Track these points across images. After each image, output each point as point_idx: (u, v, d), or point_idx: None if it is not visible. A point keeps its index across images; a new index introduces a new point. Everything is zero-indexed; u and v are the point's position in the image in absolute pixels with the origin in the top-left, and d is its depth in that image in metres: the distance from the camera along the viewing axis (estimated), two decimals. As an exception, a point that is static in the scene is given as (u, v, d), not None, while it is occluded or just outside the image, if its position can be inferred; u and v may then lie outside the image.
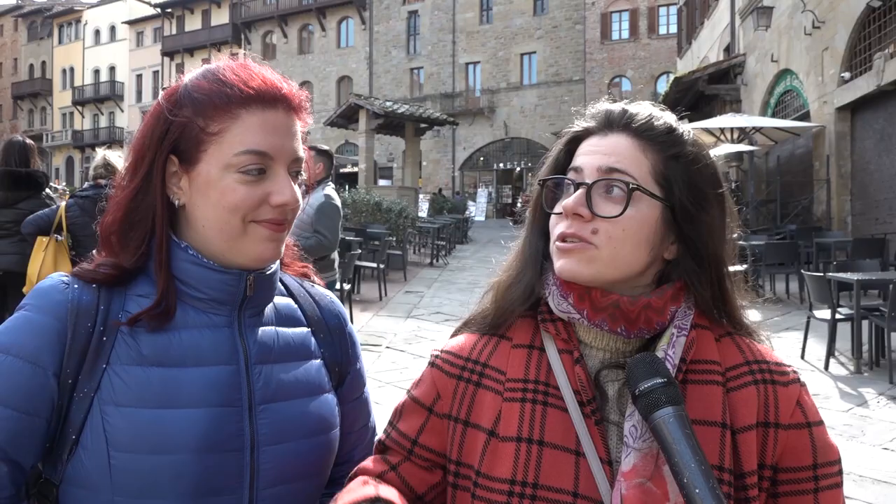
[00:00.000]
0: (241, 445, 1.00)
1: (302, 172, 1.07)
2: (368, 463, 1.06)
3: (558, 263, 0.96)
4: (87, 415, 0.96)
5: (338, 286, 5.93)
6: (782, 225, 14.25)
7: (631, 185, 0.94)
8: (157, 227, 1.03)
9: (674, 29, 32.45)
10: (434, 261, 16.36)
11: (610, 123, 1.00)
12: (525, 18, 38.09)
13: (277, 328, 1.10)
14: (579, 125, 1.04)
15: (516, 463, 0.92)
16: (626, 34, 35.89)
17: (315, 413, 1.08)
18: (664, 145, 0.98)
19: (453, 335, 1.11)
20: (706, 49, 22.95)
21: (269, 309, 1.11)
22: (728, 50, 19.87)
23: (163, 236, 1.02)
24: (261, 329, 1.08)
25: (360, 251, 11.17)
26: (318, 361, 1.14)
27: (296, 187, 1.04)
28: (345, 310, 1.26)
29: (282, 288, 1.16)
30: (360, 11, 42.58)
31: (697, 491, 0.79)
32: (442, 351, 1.08)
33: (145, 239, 1.04)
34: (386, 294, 11.33)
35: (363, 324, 8.97)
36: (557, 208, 0.98)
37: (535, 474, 0.91)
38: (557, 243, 0.96)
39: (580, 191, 0.95)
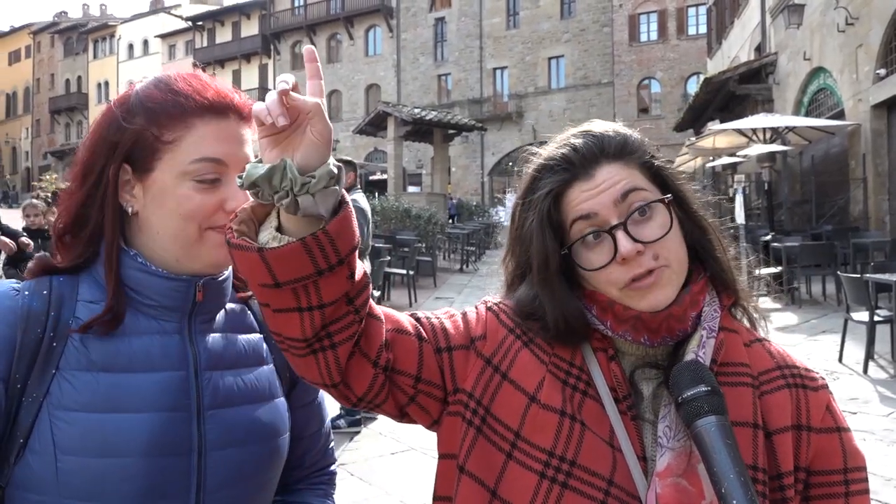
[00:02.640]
0: (189, 449, 1.01)
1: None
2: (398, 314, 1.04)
3: (646, 301, 0.94)
4: (36, 419, 0.97)
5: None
6: (818, 225, 14.00)
7: (667, 199, 0.97)
8: (107, 236, 1.04)
9: (703, 29, 32.11)
10: (464, 267, 16.35)
11: (588, 163, 0.98)
12: (552, 22, 37.99)
13: (228, 334, 1.12)
14: (551, 179, 0.99)
15: (558, 436, 0.93)
16: (654, 35, 35.60)
17: (264, 419, 1.10)
18: (637, 153, 1.01)
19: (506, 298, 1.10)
20: (736, 48, 22.68)
21: (220, 315, 1.13)
22: (759, 49, 19.62)
23: (113, 245, 1.04)
24: (212, 335, 1.09)
25: (389, 258, 11.21)
26: (269, 367, 1.15)
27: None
28: None
29: (233, 293, 1.17)
30: (387, 19, 42.85)
31: (735, 502, 0.79)
32: (500, 302, 1.07)
33: (90, 243, 1.06)
34: (416, 301, 11.36)
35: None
36: (594, 257, 0.96)
37: (574, 452, 0.92)
38: (634, 285, 0.94)
39: (621, 234, 0.93)
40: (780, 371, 1.00)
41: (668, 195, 0.98)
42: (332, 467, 1.31)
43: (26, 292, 1.03)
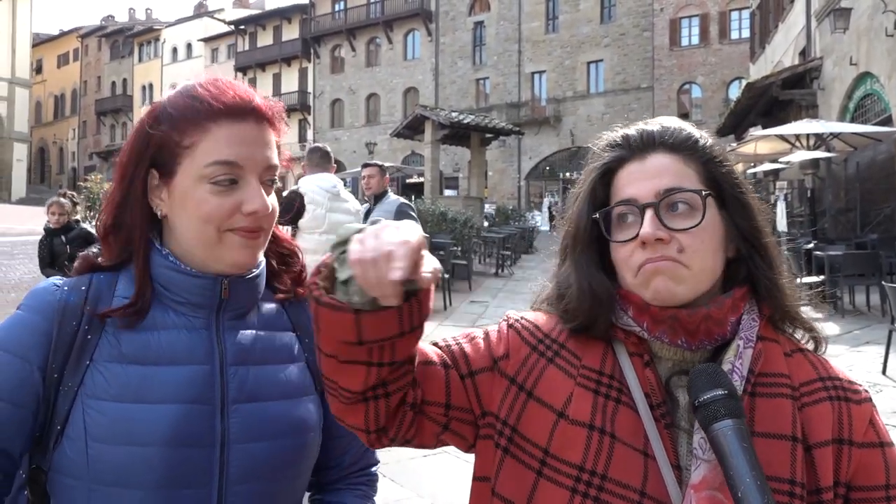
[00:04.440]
0: (212, 442, 1.05)
1: (276, 180, 1.12)
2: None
3: (652, 288, 0.94)
4: (72, 407, 1.03)
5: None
6: (863, 234, 13.68)
7: (704, 192, 0.95)
8: (136, 236, 1.10)
9: (746, 33, 31.64)
10: (499, 270, 16.31)
11: (645, 146, 1.00)
12: (592, 26, 37.75)
13: (259, 331, 1.15)
14: (608, 154, 1.02)
15: (587, 451, 0.92)
16: (696, 40, 35.15)
17: (291, 415, 1.12)
18: (700, 151, 1.00)
19: (533, 309, 1.11)
20: (780, 53, 22.29)
21: (252, 313, 1.16)
22: (803, 53, 19.25)
23: (140, 245, 1.10)
24: (240, 332, 1.13)
25: (425, 261, 11.21)
26: (300, 364, 1.18)
27: (272, 196, 1.10)
28: None
29: (269, 293, 1.20)
30: (426, 23, 43.00)
31: None
32: (522, 318, 1.07)
33: (128, 242, 1.11)
34: (451, 304, 11.36)
35: (428, 333, 8.97)
36: (622, 236, 0.96)
37: (604, 466, 0.91)
38: (646, 267, 0.94)
39: (650, 214, 0.94)
40: (823, 383, 0.97)
41: (705, 190, 0.96)
42: (374, 469, 1.31)
43: (66, 288, 1.09)
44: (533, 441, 0.96)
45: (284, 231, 1.27)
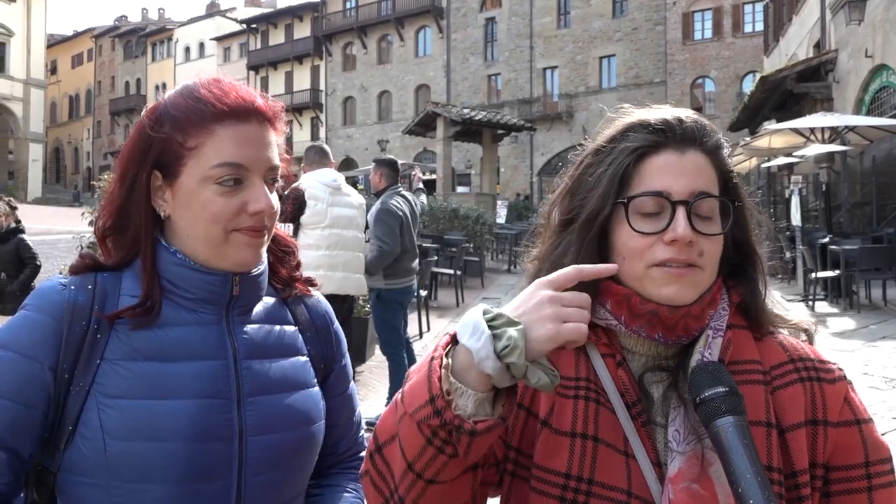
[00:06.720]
0: (230, 434, 1.07)
1: (278, 179, 1.14)
2: None
3: (668, 290, 0.92)
4: (84, 406, 1.03)
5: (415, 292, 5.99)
6: (879, 228, 13.54)
7: (737, 203, 0.97)
8: (142, 237, 1.11)
9: (760, 26, 31.40)
10: (512, 267, 16.30)
11: (685, 140, 0.96)
12: (604, 21, 37.58)
13: (265, 325, 1.18)
14: (642, 136, 0.96)
15: (571, 457, 0.92)
16: (709, 33, 34.93)
17: (300, 406, 1.16)
18: (724, 160, 0.99)
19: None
20: (795, 46, 22.10)
21: (258, 308, 1.19)
22: (818, 46, 19.08)
23: (147, 245, 1.10)
24: (249, 327, 1.16)
25: (436, 258, 11.23)
26: (304, 358, 1.21)
27: (273, 195, 1.12)
28: (331, 309, 1.32)
29: (272, 289, 1.23)
30: (437, 20, 42.96)
31: (751, 502, 0.79)
32: None
33: (134, 243, 1.12)
34: (463, 301, 11.35)
35: (440, 330, 9.01)
36: (644, 226, 0.94)
37: (590, 470, 0.91)
38: (666, 268, 0.92)
39: (683, 213, 0.92)
40: (794, 364, 0.97)
41: (738, 201, 0.97)
42: (363, 454, 1.34)
43: (72, 287, 1.09)
44: (527, 454, 0.96)
45: (286, 228, 1.28)
